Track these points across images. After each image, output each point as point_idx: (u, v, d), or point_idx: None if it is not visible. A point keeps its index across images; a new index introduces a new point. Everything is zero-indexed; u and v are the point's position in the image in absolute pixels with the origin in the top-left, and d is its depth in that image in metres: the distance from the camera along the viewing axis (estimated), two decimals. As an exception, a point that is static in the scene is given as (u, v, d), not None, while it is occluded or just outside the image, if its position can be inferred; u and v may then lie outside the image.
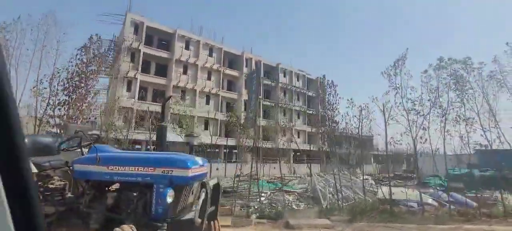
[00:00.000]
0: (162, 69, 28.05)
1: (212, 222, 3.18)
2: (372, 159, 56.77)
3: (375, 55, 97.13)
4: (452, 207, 8.04)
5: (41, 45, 10.50)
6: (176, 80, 27.24)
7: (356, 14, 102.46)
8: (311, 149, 38.03)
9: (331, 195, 10.04)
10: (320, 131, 43.92)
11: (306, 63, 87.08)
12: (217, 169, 27.41)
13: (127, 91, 24.09)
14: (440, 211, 8.04)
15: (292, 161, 37.74)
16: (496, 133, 9.41)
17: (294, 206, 9.33)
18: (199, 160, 3.05)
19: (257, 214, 7.86)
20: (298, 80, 43.36)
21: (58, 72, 10.45)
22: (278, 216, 7.53)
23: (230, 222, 6.76)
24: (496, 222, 6.83)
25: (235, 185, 10.52)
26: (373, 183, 22.56)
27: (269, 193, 10.41)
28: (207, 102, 29.80)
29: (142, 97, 25.37)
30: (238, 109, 32.80)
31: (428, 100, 9.62)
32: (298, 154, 39.20)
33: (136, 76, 24.80)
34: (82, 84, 10.63)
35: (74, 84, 10.56)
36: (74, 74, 10.69)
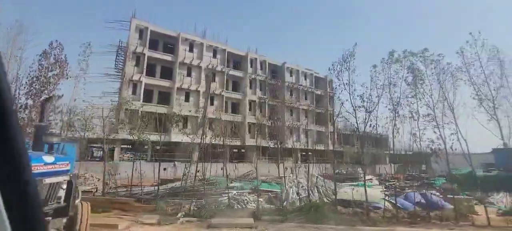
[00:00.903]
0: (168, 72, 29.06)
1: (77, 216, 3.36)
2: (387, 159, 55.23)
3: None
4: (417, 209, 7.88)
5: (7, 52, 11.10)
6: (180, 82, 28.10)
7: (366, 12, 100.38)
8: (318, 148, 37.59)
9: (295, 196, 10.07)
10: (331, 130, 43.52)
11: (315, 62, 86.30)
12: (221, 168, 27.93)
13: (132, 94, 25.19)
14: (389, 213, 7.94)
15: (299, 161, 37.55)
16: (452, 129, 9.10)
17: (250, 206, 9.44)
18: (49, 158, 3.23)
19: (183, 213, 7.93)
20: (305, 79, 43.20)
21: (18, 78, 10.71)
22: (211, 215, 7.64)
23: (155, 221, 6.96)
24: (441, 225, 6.67)
25: (191, 184, 10.74)
26: (378, 183, 22.12)
27: (234, 192, 10.57)
28: (211, 103, 30.43)
29: (148, 100, 26.46)
30: (243, 110, 33.24)
31: (376, 96, 9.48)
32: (303, 154, 38.96)
33: (141, 79, 25.89)
34: (44, 89, 10.90)
35: (36, 88, 10.78)
36: (34, 79, 10.96)
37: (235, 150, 31.98)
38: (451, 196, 8.84)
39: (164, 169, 24.69)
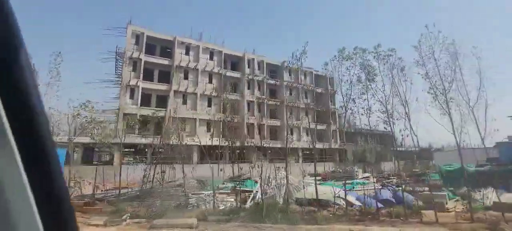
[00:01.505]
0: (165, 76, 29.80)
1: None
2: (393, 157, 54.52)
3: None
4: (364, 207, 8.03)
5: None
6: (177, 85, 28.77)
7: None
8: (320, 147, 37.59)
9: (260, 195, 10.24)
10: (333, 128, 43.38)
11: (316, 61, 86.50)
12: (221, 169, 28.41)
13: (130, 98, 25.97)
14: (341, 211, 8.08)
15: (301, 161, 37.67)
16: (406, 124, 9.27)
17: (221, 205, 9.64)
18: None
19: (129, 215, 8.13)
20: (305, 77, 43.29)
21: None
22: (159, 216, 7.84)
23: (103, 222, 7.24)
24: (388, 222, 6.79)
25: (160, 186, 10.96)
26: (375, 181, 22.18)
27: (205, 193, 10.85)
28: (209, 105, 30.98)
29: (146, 104, 27.21)
30: (241, 111, 33.66)
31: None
32: (307, 153, 39.04)
33: (138, 84, 26.67)
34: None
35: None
36: None
37: (237, 151, 32.40)
38: (422, 192, 8.96)
39: (163, 172, 25.41)
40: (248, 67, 36.22)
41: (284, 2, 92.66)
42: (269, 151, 37.26)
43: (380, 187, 13.13)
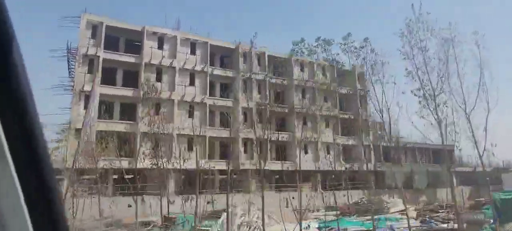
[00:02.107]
0: (132, 78, 31.22)
1: None
2: (455, 179, 54.35)
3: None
4: None
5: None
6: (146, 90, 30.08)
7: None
8: (346, 168, 37.87)
9: None
10: (366, 142, 43.82)
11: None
12: (208, 202, 29.09)
13: (85, 108, 27.34)
14: None
15: (319, 188, 37.93)
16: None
17: None
18: None
19: None
20: (323, 74, 44.15)
21: None
22: None
23: None
24: None
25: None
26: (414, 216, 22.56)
27: None
28: (190, 115, 32.07)
29: (108, 115, 28.52)
30: (235, 120, 34.60)
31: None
32: (333, 177, 39.22)
33: (95, 89, 28.09)
34: None
35: None
36: None
37: (224, 176, 33.12)
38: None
39: (129, 206, 26.32)
40: (244, 62, 37.40)
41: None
42: (277, 176, 37.85)
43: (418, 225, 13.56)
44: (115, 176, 28.03)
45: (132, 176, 26.16)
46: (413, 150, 52.51)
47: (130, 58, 31.29)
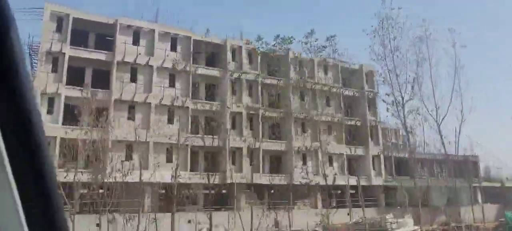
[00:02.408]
0: (103, 77, 32.00)
1: None
2: (480, 195, 55.49)
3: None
4: None
5: None
6: (119, 91, 30.86)
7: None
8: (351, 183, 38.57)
9: None
10: (375, 152, 44.67)
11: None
12: (189, 221, 29.76)
13: (47, 113, 28.06)
14: None
15: (320, 205, 38.56)
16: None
17: None
18: None
19: None
20: (326, 73, 45.08)
21: None
22: None
23: None
24: None
25: None
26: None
27: None
28: (170, 121, 32.84)
29: (74, 120, 29.23)
30: (222, 128, 35.37)
31: None
32: (339, 192, 39.89)
33: (59, 92, 28.83)
34: None
35: None
36: None
37: (211, 191, 33.80)
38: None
39: (97, 226, 26.92)
40: (233, 60, 38.27)
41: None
42: (272, 191, 38.43)
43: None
44: (84, 191, 28.58)
45: (103, 190, 26.77)
46: (431, 161, 53.47)
47: (100, 56, 32.08)
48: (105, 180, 26.19)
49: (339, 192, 41.06)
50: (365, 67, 48.03)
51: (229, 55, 38.06)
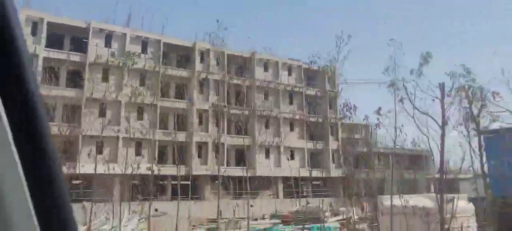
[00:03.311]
0: (77, 78, 33.40)
1: None
2: (432, 186, 58.36)
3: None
4: None
5: None
6: (91, 90, 32.32)
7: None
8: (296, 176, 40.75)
9: None
10: (334, 146, 46.78)
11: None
12: (156, 209, 31.36)
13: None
14: None
15: (282, 195, 40.74)
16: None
17: None
18: None
19: None
20: (290, 74, 47.14)
21: None
22: None
23: None
24: None
25: None
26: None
27: None
28: (140, 117, 34.40)
29: (49, 117, 30.57)
30: (189, 123, 37.14)
31: None
32: (289, 183, 42.07)
33: (33, 90, 30.13)
34: None
35: None
36: None
37: (181, 182, 35.48)
38: None
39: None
40: (201, 62, 39.99)
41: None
42: (239, 181, 40.23)
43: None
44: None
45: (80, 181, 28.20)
46: (388, 155, 56.03)
47: (74, 57, 33.43)
48: (78, 172, 27.57)
49: (303, 183, 43.14)
50: (326, 68, 50.26)
51: (197, 57, 39.80)
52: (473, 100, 14.65)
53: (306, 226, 23.01)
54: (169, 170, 34.52)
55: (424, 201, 10.60)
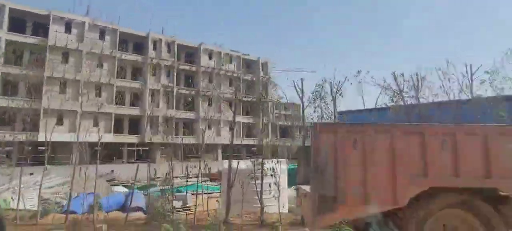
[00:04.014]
0: (39, 60, 31.36)
1: None
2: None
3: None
4: None
5: None
6: (51, 70, 30.65)
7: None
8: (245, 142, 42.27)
9: None
10: (266, 121, 48.39)
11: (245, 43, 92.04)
12: (112, 171, 31.02)
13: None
14: None
15: (221, 158, 41.97)
16: None
17: None
18: None
19: None
20: (231, 62, 47.74)
21: None
22: None
23: None
24: None
25: None
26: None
27: None
28: (98, 95, 33.35)
29: (13, 92, 28.67)
30: (144, 101, 36.68)
31: None
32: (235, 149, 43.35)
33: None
34: None
35: None
36: None
37: (133, 148, 35.33)
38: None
39: (31, 174, 27.33)
40: (154, 49, 39.22)
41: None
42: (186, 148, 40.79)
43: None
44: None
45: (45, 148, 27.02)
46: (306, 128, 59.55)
47: (35, 40, 31.30)
48: (42, 140, 26.48)
49: (235, 149, 44.70)
50: (262, 59, 51.78)
51: (150, 45, 38.97)
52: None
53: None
54: (125, 138, 34.18)
55: (247, 163, 11.64)
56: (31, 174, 27.47)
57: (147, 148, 37.50)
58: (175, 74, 40.11)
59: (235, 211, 10.32)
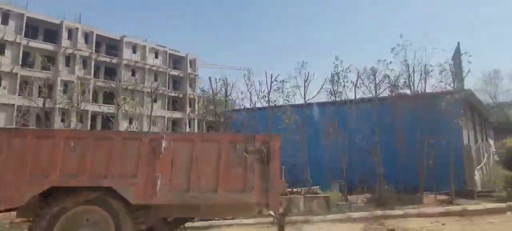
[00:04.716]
0: None
1: None
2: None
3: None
4: None
5: None
6: None
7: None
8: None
9: None
10: (192, 116, 48.73)
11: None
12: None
13: None
14: None
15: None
16: None
17: None
18: None
19: None
20: (156, 57, 47.25)
21: None
22: None
23: None
24: None
25: None
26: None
27: None
28: (-1, 84, 30.67)
29: None
30: (55, 89, 34.61)
31: None
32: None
33: None
34: None
35: None
36: None
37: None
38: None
39: None
40: (69, 38, 37.13)
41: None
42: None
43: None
44: None
45: None
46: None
47: None
48: None
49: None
50: (190, 55, 52.13)
51: (65, 34, 36.78)
52: None
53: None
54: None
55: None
56: None
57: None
58: (92, 66, 38.46)
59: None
